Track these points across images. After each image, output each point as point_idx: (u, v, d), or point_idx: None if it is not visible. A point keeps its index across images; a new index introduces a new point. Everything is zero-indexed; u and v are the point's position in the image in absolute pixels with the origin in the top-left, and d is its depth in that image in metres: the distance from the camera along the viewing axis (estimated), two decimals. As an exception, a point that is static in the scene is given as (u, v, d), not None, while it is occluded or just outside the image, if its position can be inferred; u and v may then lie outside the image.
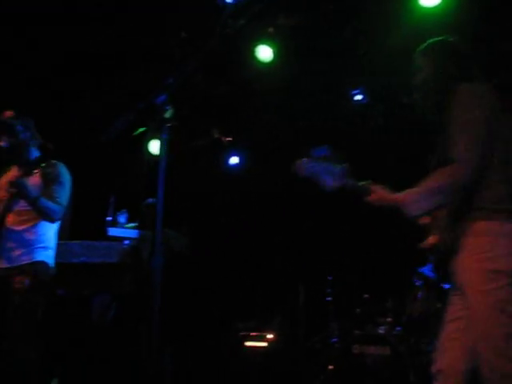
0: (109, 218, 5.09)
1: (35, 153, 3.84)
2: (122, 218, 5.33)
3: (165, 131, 2.37)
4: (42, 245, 3.69)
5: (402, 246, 6.51)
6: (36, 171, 3.69)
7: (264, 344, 6.19)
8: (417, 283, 5.93)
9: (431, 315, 5.54)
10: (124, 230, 5.34)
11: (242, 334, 6.29)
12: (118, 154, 7.21)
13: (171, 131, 2.37)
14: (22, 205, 3.62)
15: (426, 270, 6.11)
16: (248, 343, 6.23)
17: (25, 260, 3.59)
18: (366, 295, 5.81)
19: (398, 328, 5.53)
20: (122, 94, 6.72)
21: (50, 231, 3.78)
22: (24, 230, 3.65)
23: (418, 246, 2.89)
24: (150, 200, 5.90)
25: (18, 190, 3.50)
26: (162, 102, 2.36)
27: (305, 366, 6.04)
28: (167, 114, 2.38)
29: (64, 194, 3.76)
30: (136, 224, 5.79)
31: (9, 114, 3.78)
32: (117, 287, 4.80)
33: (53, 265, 3.75)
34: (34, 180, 3.68)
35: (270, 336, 6.18)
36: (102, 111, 6.80)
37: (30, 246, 3.63)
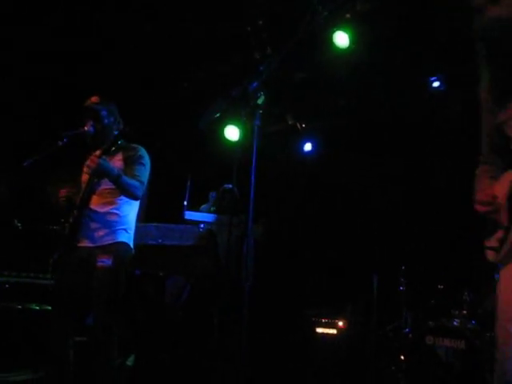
0: (185, 202, 5.20)
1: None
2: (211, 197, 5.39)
3: (257, 117, 2.40)
4: (123, 226, 3.79)
5: (481, 237, 6.32)
6: (118, 154, 3.79)
7: (334, 331, 6.18)
8: (496, 276, 5.75)
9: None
10: (200, 214, 5.45)
11: (313, 319, 6.30)
12: (195, 139, 7.36)
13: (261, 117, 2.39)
14: (104, 187, 3.75)
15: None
16: (319, 329, 6.24)
17: (108, 240, 3.69)
18: (441, 286, 5.69)
19: (473, 321, 5.39)
20: (198, 81, 6.86)
21: (131, 213, 3.88)
22: (107, 212, 3.75)
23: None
24: (228, 185, 6.00)
25: (99, 169, 3.58)
26: (254, 89, 2.39)
27: (376, 356, 5.99)
28: (259, 101, 2.41)
29: (145, 173, 3.83)
30: (213, 208, 5.92)
31: (94, 99, 3.90)
32: (191, 270, 4.89)
33: (132, 246, 3.85)
34: (116, 163, 3.79)
35: (340, 323, 6.16)
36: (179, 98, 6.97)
37: (112, 227, 3.72)
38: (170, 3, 5.82)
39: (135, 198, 3.80)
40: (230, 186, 5.98)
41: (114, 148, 3.70)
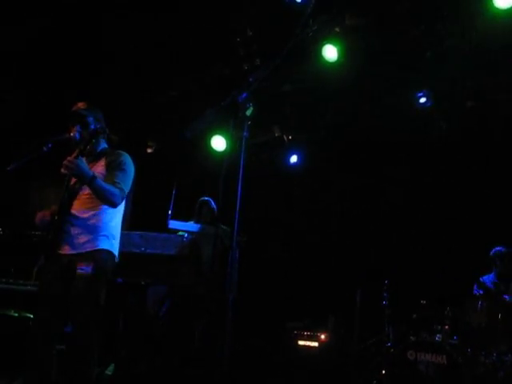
0: (169, 212, 5.18)
1: (103, 144, 3.89)
2: None
3: (246, 129, 2.39)
4: (105, 233, 3.67)
5: (463, 253, 6.37)
6: (101, 160, 3.73)
7: (316, 344, 6.17)
8: (477, 292, 5.79)
9: (491, 326, 5.39)
10: (184, 224, 5.42)
11: (295, 332, 6.28)
12: (181, 149, 7.35)
13: (249, 129, 2.39)
14: (86, 191, 3.64)
15: (486, 279, 5.95)
16: (301, 342, 6.22)
17: (89, 247, 3.59)
18: (424, 301, 5.71)
19: (455, 337, 5.41)
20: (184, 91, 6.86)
21: (114, 220, 3.77)
22: (89, 217, 3.64)
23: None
24: (204, 198, 6.01)
25: (73, 169, 3.46)
26: (243, 100, 2.38)
27: (357, 369, 5.98)
28: (248, 112, 2.40)
29: (126, 180, 3.71)
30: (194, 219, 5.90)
31: (81, 105, 3.85)
32: (174, 279, 4.85)
33: (116, 254, 3.76)
34: (98, 168, 3.71)
35: (322, 336, 6.15)
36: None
37: (94, 233, 3.62)
38: (159, 12, 5.81)
39: (112, 205, 3.64)
40: (206, 198, 5.98)
41: (88, 147, 3.62)
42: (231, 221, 2.42)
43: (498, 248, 5.96)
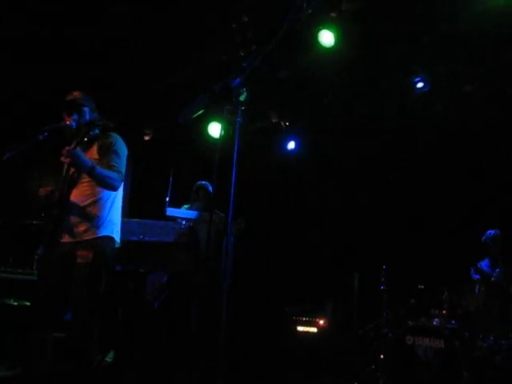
0: (167, 199, 5.17)
1: (96, 131, 3.84)
2: None
3: (239, 114, 2.38)
4: (105, 220, 3.69)
5: (461, 238, 6.39)
6: (94, 144, 3.73)
7: (314, 330, 6.20)
8: (475, 277, 5.82)
9: (488, 310, 5.43)
10: (182, 211, 5.42)
11: (294, 318, 6.31)
12: (178, 136, 7.33)
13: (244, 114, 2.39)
14: (84, 179, 3.66)
15: (482, 264, 5.98)
16: (300, 328, 6.25)
17: (89, 235, 3.61)
18: (421, 286, 5.74)
19: (453, 321, 5.44)
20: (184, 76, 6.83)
21: (113, 206, 3.78)
22: (88, 205, 3.66)
23: None
24: (201, 182, 5.98)
25: (72, 160, 3.50)
26: (237, 85, 2.37)
27: (356, 354, 6.02)
28: (242, 97, 2.39)
29: (120, 162, 3.73)
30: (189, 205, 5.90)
31: (77, 94, 3.84)
32: (172, 266, 4.86)
33: (118, 239, 3.78)
34: (92, 154, 3.71)
35: (321, 322, 6.18)
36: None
37: (93, 220, 3.64)
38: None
39: (113, 189, 3.68)
40: (203, 182, 5.96)
41: (86, 139, 3.63)
42: (226, 206, 2.42)
43: (489, 231, 5.99)
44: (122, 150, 3.81)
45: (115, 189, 3.70)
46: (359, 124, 7.26)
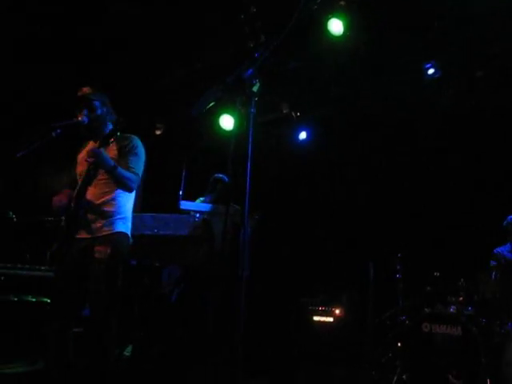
0: (180, 192, 5.17)
1: (109, 126, 3.91)
2: None
3: (253, 105, 2.37)
4: (120, 216, 3.76)
5: (476, 224, 6.34)
6: (112, 144, 3.77)
7: (331, 319, 6.19)
8: (492, 263, 5.78)
9: (505, 296, 5.39)
10: (196, 204, 5.42)
11: (310, 308, 6.31)
12: (191, 129, 7.33)
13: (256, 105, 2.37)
14: (100, 177, 3.72)
15: (503, 250, 5.94)
16: (316, 317, 6.25)
17: (105, 231, 3.66)
18: (437, 273, 5.71)
19: (470, 308, 5.41)
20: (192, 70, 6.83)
21: (128, 203, 3.86)
22: (103, 203, 3.72)
23: None
24: (218, 175, 5.98)
25: (96, 160, 3.58)
26: (250, 76, 2.36)
27: (373, 343, 6.01)
28: (255, 88, 2.38)
29: (139, 164, 3.82)
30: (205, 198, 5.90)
31: (86, 89, 3.87)
32: (187, 260, 4.88)
33: (130, 235, 3.83)
34: (110, 153, 3.75)
35: (337, 311, 6.18)
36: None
37: (109, 217, 3.70)
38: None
39: (129, 190, 3.77)
40: (221, 175, 5.96)
41: (112, 140, 3.68)
42: (242, 199, 2.42)
43: (510, 216, 5.94)
44: (143, 153, 3.90)
45: (131, 190, 3.79)
46: (371, 112, 7.21)
